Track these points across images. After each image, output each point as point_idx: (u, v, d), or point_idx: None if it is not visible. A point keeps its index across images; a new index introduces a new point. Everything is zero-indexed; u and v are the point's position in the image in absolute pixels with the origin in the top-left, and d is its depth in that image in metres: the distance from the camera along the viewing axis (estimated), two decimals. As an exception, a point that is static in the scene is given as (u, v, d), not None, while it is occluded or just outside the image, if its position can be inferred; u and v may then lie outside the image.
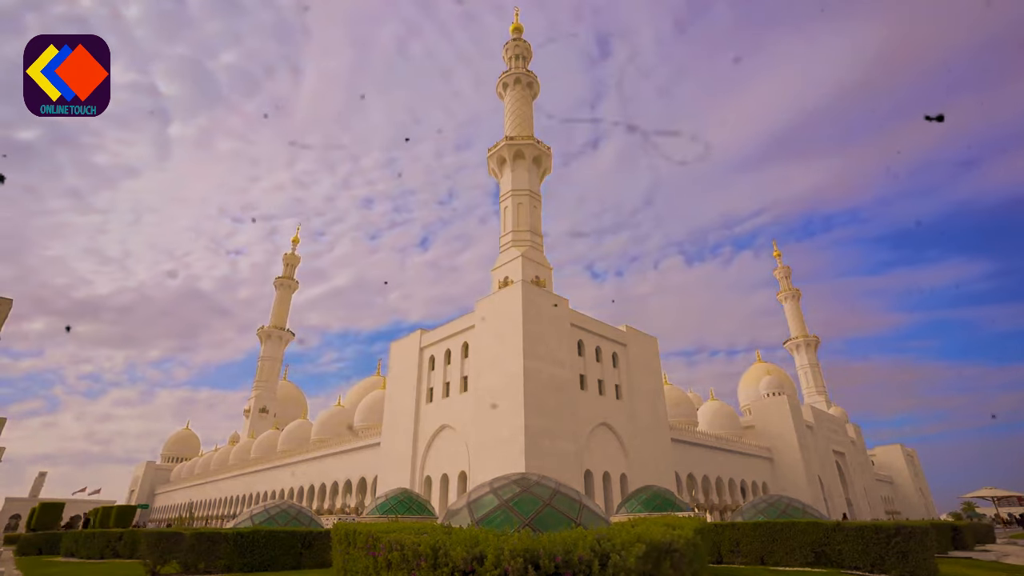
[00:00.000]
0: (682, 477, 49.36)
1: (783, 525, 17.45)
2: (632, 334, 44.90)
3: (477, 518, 10.21)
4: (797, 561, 16.74)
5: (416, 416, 41.75)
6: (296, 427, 71.13)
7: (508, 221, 48.15)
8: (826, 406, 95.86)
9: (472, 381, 37.80)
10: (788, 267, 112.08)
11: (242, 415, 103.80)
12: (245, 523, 19.84)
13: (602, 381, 40.35)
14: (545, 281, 45.29)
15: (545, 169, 52.24)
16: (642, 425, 41.96)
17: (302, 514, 21.34)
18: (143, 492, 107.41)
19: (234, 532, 16.63)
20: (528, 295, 35.64)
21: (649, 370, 45.72)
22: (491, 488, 11.25)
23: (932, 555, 15.20)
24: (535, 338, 34.69)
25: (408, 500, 27.17)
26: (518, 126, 53.43)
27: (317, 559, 17.54)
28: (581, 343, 39.74)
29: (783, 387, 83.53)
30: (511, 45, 58.73)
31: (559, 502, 10.50)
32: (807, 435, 65.27)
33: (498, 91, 57.70)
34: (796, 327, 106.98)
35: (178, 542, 16.57)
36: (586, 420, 37.07)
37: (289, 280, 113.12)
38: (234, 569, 16.06)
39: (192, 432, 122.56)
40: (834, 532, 16.45)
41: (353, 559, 8.81)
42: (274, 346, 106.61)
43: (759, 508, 20.98)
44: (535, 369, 33.73)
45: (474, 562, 5.96)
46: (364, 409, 59.10)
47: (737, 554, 18.13)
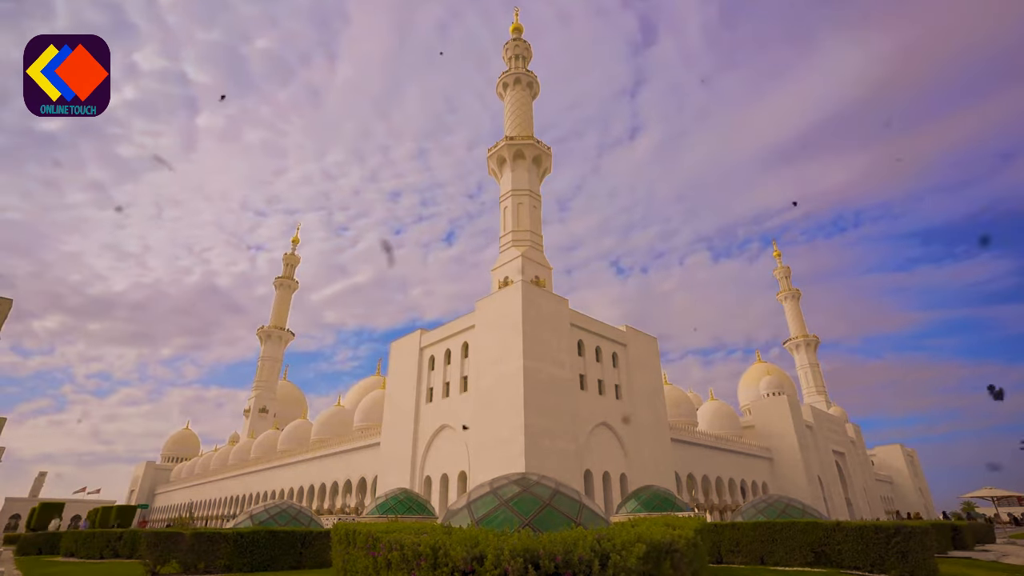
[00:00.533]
0: (682, 477, 49.37)
1: (783, 525, 17.47)
2: (632, 334, 44.92)
3: (477, 518, 10.21)
4: (797, 561, 16.75)
5: (416, 416, 41.75)
6: (296, 427, 71.12)
7: (508, 221, 48.17)
8: (826, 406, 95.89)
9: (472, 381, 37.80)
10: (788, 267, 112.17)
11: (242, 415, 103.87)
12: (245, 523, 19.84)
13: (602, 381, 40.35)
14: (545, 281, 45.31)
15: (545, 169, 52.27)
16: (642, 425, 41.97)
17: (302, 514, 21.35)
18: (143, 492, 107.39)
19: (234, 532, 16.63)
20: (528, 295, 35.65)
21: (649, 370, 45.73)
22: (491, 488, 11.25)
23: (932, 555, 15.20)
24: (535, 338, 34.69)
25: (408, 500, 27.17)
26: (518, 126, 53.45)
27: (317, 559, 17.54)
28: (581, 343, 39.74)
29: (783, 387, 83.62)
30: (511, 45, 58.73)
31: (559, 502, 10.50)
32: (807, 435, 65.28)
33: (498, 91, 57.71)
34: (796, 327, 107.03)
35: (178, 542, 16.57)
36: (586, 420, 37.07)
37: (289, 280, 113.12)
38: (234, 569, 16.06)
39: (192, 432, 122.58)
40: (834, 532, 16.45)
41: (353, 559, 8.81)
42: (274, 346, 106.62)
43: (759, 508, 20.99)
44: (535, 369, 33.73)
45: (474, 562, 5.96)
46: (364, 409, 59.09)
47: (737, 554, 18.14)
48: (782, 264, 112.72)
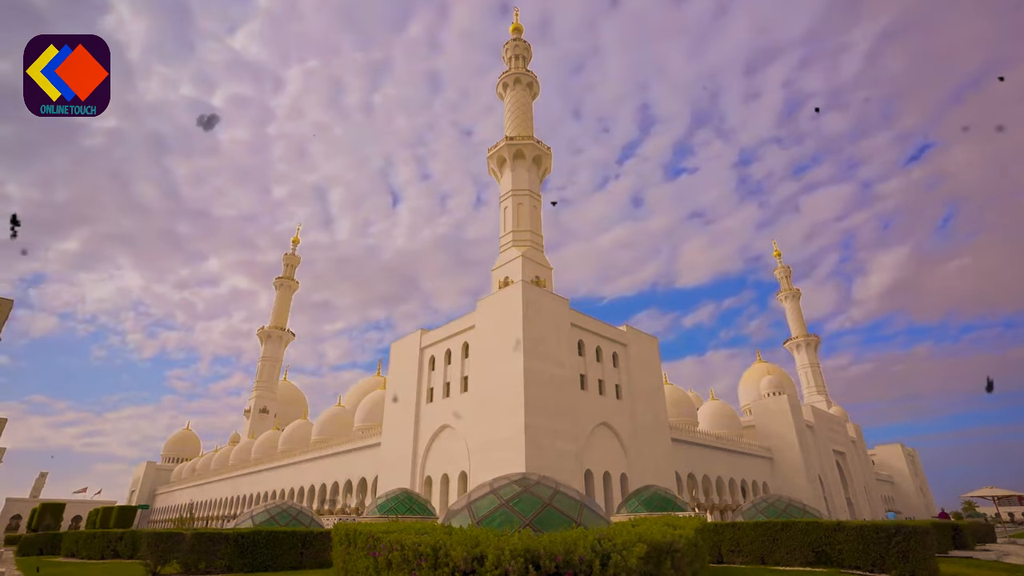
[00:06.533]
0: (682, 477, 49.34)
1: (783, 525, 17.46)
2: (632, 334, 44.90)
3: (478, 518, 10.20)
4: (798, 561, 16.74)
5: (416, 416, 41.74)
6: (296, 427, 71.10)
7: (508, 221, 48.16)
8: (826, 406, 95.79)
9: (472, 381, 37.79)
10: (788, 267, 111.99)
11: (243, 415, 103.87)
12: (246, 523, 19.85)
13: (602, 381, 40.33)
14: (545, 281, 45.30)
15: (545, 169, 52.25)
16: (642, 425, 41.94)
17: (302, 514, 21.35)
18: (143, 492, 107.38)
19: (235, 532, 16.64)
20: (528, 295, 35.63)
21: (649, 370, 45.72)
22: (491, 488, 11.24)
23: (932, 555, 15.18)
24: (535, 338, 34.68)
25: (408, 500, 27.18)
26: (518, 126, 53.43)
27: (317, 559, 17.55)
28: (581, 343, 39.72)
29: (783, 387, 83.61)
30: (511, 45, 58.69)
31: (559, 502, 10.49)
32: (807, 435, 65.24)
33: (498, 91, 57.66)
34: (796, 327, 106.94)
35: (178, 542, 16.57)
36: (586, 420, 37.05)
37: (289, 280, 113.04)
38: (235, 569, 16.07)
39: (192, 432, 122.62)
40: (834, 532, 16.45)
41: (354, 559, 8.81)
42: (274, 346, 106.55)
43: (759, 508, 21.00)
44: (535, 369, 33.71)
45: (474, 562, 5.95)
46: (364, 409, 59.05)
47: (738, 554, 18.13)
48: (782, 264, 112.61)
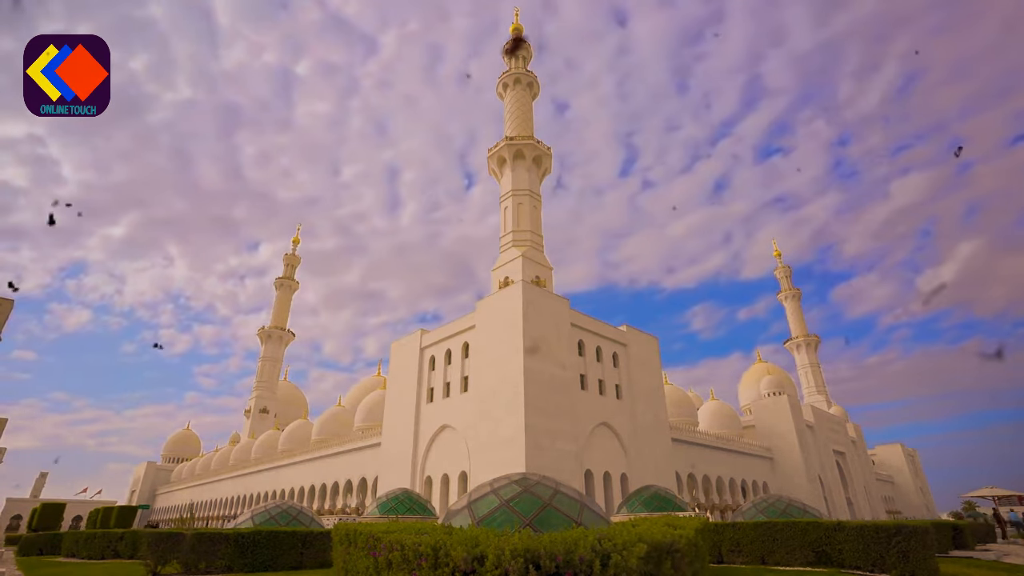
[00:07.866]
0: (682, 477, 49.33)
1: (783, 525, 17.45)
2: (633, 334, 44.90)
3: (478, 518, 10.19)
4: (798, 561, 16.73)
5: (416, 416, 41.74)
6: (296, 427, 71.13)
7: (508, 221, 48.15)
8: (826, 406, 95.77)
9: (472, 381, 37.78)
10: (788, 267, 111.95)
11: (243, 415, 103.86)
12: (246, 523, 19.85)
13: (602, 381, 40.33)
14: (545, 281, 45.29)
15: (545, 169, 52.24)
16: (642, 425, 41.94)
17: (303, 514, 21.35)
18: (144, 493, 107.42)
19: (235, 532, 16.64)
20: (528, 295, 35.63)
21: (649, 370, 45.71)
22: (492, 488, 11.23)
23: (932, 555, 15.16)
24: (535, 338, 34.67)
25: (409, 500, 27.18)
26: (518, 126, 53.42)
27: (318, 559, 17.54)
28: (581, 343, 39.72)
29: (783, 387, 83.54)
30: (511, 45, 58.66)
31: (560, 502, 10.48)
32: (807, 435, 65.22)
33: (498, 91, 57.65)
34: (796, 327, 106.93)
35: (179, 542, 16.57)
36: (587, 420, 37.05)
37: (289, 280, 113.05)
38: (235, 569, 16.07)
39: (192, 432, 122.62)
40: (835, 532, 16.44)
41: (354, 559, 8.80)
42: (274, 346, 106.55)
43: (759, 508, 21.00)
44: (535, 369, 33.71)
45: (475, 562, 5.94)
46: (364, 409, 59.08)
47: (738, 554, 18.12)
48: (782, 264, 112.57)
